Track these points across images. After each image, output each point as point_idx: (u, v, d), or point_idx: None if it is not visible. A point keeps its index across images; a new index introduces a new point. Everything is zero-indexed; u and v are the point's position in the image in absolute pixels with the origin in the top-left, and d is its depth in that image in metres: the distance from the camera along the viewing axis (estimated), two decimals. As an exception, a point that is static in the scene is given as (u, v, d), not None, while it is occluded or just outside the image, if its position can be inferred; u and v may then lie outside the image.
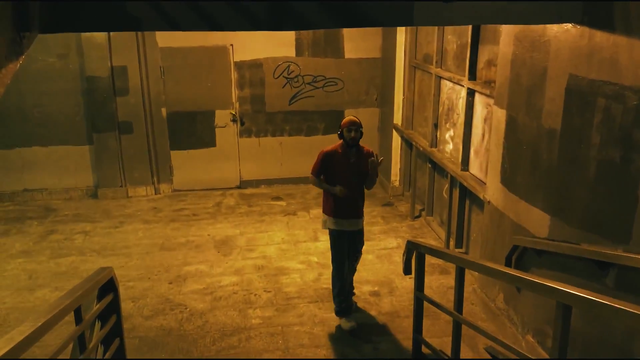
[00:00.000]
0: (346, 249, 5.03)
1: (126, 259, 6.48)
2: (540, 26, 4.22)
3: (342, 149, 4.89)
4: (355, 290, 5.53)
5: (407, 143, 8.07)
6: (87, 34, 7.65)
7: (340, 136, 4.87)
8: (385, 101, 8.56)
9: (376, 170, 4.91)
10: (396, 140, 8.17)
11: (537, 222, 4.39)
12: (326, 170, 4.95)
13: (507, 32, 4.77)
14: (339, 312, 5.09)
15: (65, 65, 7.87)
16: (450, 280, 5.83)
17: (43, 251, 6.67)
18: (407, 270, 4.65)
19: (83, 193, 8.39)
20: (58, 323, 2.71)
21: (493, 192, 5.14)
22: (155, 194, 8.51)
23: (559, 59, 3.99)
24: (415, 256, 4.34)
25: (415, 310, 4.41)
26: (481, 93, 5.74)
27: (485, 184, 5.67)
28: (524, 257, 4.64)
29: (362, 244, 5.28)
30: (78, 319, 3.06)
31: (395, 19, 3.53)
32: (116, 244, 6.87)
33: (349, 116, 5.07)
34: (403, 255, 4.64)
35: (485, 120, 5.73)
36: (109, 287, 3.94)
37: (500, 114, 4.92)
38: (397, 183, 8.36)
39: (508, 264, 4.78)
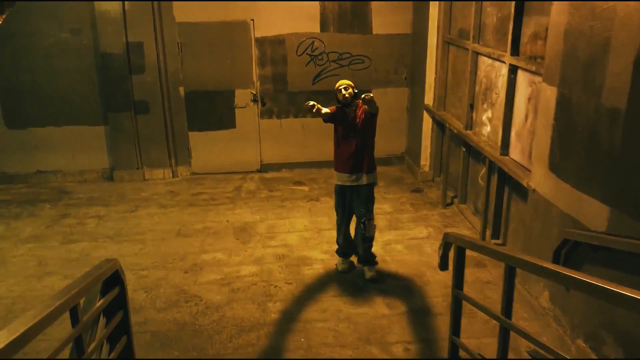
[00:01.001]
0: (346, 205, 5.32)
1: (140, 245, 6.13)
2: (603, -10, 3.69)
3: (339, 109, 5.23)
4: (383, 285, 5.10)
5: (439, 125, 7.56)
6: (102, 6, 7.26)
7: (336, 99, 5.23)
8: (415, 80, 8.03)
9: (372, 103, 4.94)
10: (427, 122, 7.66)
11: (593, 213, 3.89)
12: (334, 124, 5.31)
13: (560, -1, 4.23)
14: (338, 252, 5.59)
15: (79, 41, 7.50)
16: (487, 274, 5.38)
17: (54, 236, 6.36)
18: (443, 266, 4.18)
19: (98, 175, 8.07)
20: (50, 325, 2.33)
21: (539, 179, 4.64)
22: (173, 177, 8.15)
23: (627, 28, 3.46)
24: (453, 250, 3.87)
25: (453, 311, 3.95)
26: (525, 70, 5.21)
27: (528, 170, 5.17)
28: (576, 252, 4.15)
29: (367, 207, 5.23)
30: (74, 319, 2.69)
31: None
32: (130, 229, 6.54)
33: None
34: (439, 248, 4.18)
35: (529, 99, 5.20)
36: (114, 281, 3.57)
37: (550, 92, 4.40)
38: (427, 168, 7.87)
39: (556, 259, 4.29)
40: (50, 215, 6.93)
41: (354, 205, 5.31)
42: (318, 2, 7.72)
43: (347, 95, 5.09)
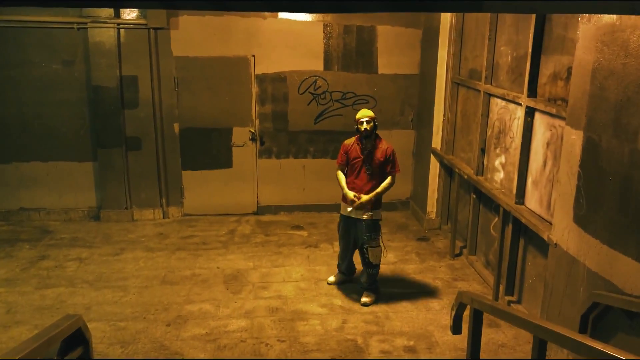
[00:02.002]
0: (348, 235, 5.47)
1: (121, 292, 5.62)
2: (637, 23, 3.30)
3: (358, 140, 5.32)
4: (386, 345, 4.59)
5: (447, 170, 7.13)
6: (96, 37, 6.95)
7: (357, 129, 5.28)
8: (422, 122, 7.65)
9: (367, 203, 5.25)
10: (434, 166, 7.24)
11: (627, 274, 3.41)
12: (346, 159, 5.38)
13: (586, 35, 3.85)
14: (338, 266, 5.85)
15: (71, 73, 7.17)
16: (501, 336, 4.84)
17: (29, 280, 5.85)
18: (456, 329, 3.68)
19: (84, 214, 7.61)
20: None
21: (562, 232, 4.17)
22: (164, 217, 7.68)
23: (668, 65, 3.06)
24: (470, 312, 3.38)
25: (468, 384, 3.43)
26: (544, 112, 4.81)
27: (547, 221, 4.71)
28: (607, 317, 3.65)
29: (369, 236, 5.30)
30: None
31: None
32: (112, 274, 6.03)
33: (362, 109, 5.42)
34: (451, 309, 3.68)
35: (548, 144, 4.78)
36: (75, 340, 3.06)
37: (575, 137, 3.98)
38: (434, 215, 7.39)
39: (584, 324, 3.78)
40: (28, 256, 6.43)
41: (357, 234, 5.38)
42: (322, 39, 7.41)
43: (368, 128, 5.18)
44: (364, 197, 5.20)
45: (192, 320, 5.09)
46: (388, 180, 5.28)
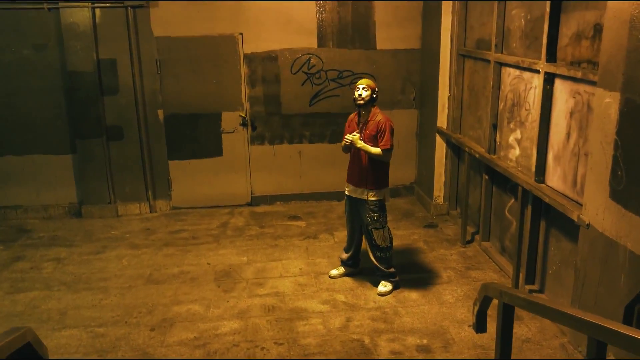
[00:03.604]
0: (352, 217, 5.09)
1: (102, 295, 5.09)
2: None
3: (354, 115, 4.97)
4: (396, 344, 4.08)
5: (455, 150, 6.59)
6: (69, 18, 6.38)
7: (353, 100, 4.82)
8: (426, 101, 7.10)
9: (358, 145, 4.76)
10: (440, 147, 6.69)
11: (683, 257, 2.88)
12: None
13: (622, -20, 3.30)
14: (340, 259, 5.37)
15: (43, 58, 6.59)
16: (525, 330, 4.33)
17: (0, 284, 5.32)
18: (480, 327, 3.15)
19: (65, 211, 7.06)
20: None
21: (596, 211, 3.63)
22: (150, 212, 7.13)
23: None
24: (499, 308, 2.85)
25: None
26: (566, 78, 4.27)
27: (573, 200, 4.18)
28: (656, 308, 3.12)
29: (372, 217, 4.85)
30: None
31: None
32: (93, 274, 5.50)
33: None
34: (474, 304, 3.15)
35: (571, 114, 4.25)
36: (25, 358, 2.53)
37: (610, 100, 3.43)
38: (441, 199, 6.85)
39: (628, 315, 3.26)
40: (0, 258, 5.89)
41: (361, 216, 4.97)
42: (315, 14, 6.85)
43: (363, 96, 4.74)
44: (356, 139, 4.74)
45: (179, 323, 4.56)
46: (377, 149, 4.72)
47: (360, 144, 4.74)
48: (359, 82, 4.81)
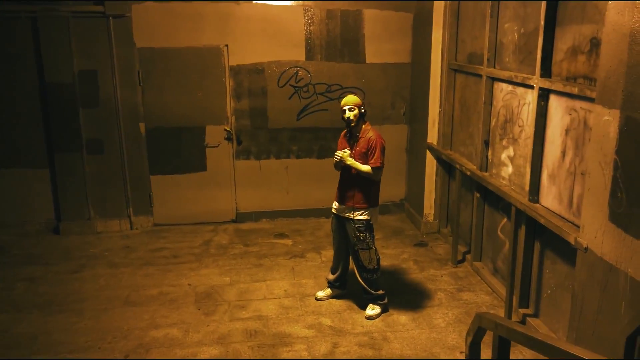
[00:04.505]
0: (338, 236, 4.88)
1: (76, 317, 4.83)
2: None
3: (345, 133, 4.81)
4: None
5: (446, 166, 6.41)
6: (47, 28, 6.16)
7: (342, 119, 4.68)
8: (416, 116, 6.93)
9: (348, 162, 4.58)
10: (430, 163, 6.51)
11: (690, 286, 2.69)
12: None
13: (620, -7, 3.14)
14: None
15: (20, 69, 6.36)
16: (519, 355, 4.11)
17: (-32, 306, 5.05)
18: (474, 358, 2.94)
19: (42, 227, 6.79)
20: None
21: (594, 234, 3.45)
22: (131, 228, 6.87)
23: None
24: (493, 341, 2.64)
25: None
26: (561, 94, 4.12)
27: (569, 221, 4.00)
28: (660, 339, 2.93)
29: (357, 240, 4.65)
30: None
31: None
32: (68, 296, 5.23)
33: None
34: (467, 335, 2.95)
35: (567, 131, 4.08)
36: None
37: (609, 117, 3.26)
38: (432, 217, 6.67)
39: (630, 347, 3.06)
40: (-30, 278, 5.63)
41: (347, 233, 4.76)
42: (303, 26, 6.68)
43: (351, 117, 4.56)
44: (346, 156, 4.57)
45: (155, 350, 4.31)
46: (367, 167, 4.53)
47: (350, 161, 4.55)
48: (342, 103, 4.60)
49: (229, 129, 6.84)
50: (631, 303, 3.12)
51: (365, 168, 4.52)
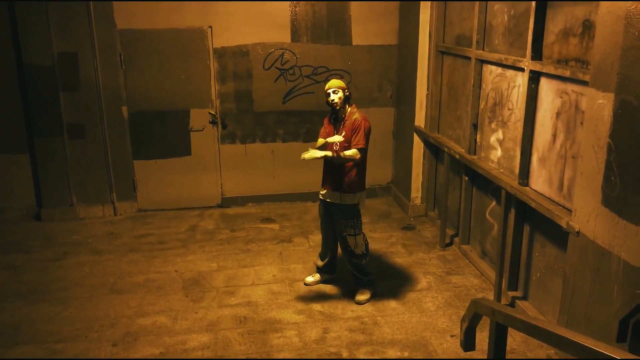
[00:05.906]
0: (326, 220, 4.83)
1: (61, 306, 4.73)
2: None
3: (328, 118, 4.76)
4: (376, 357, 3.84)
5: (433, 150, 6.39)
6: (25, 9, 5.96)
7: (326, 103, 4.63)
8: (403, 98, 6.88)
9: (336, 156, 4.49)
10: (417, 146, 6.48)
11: (684, 269, 2.70)
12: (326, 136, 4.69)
13: (616, -27, 3.10)
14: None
15: (-4, 51, 6.17)
16: (510, 340, 4.12)
17: (-52, 295, 4.93)
18: (468, 346, 2.93)
19: (23, 214, 6.64)
20: None
21: (587, 217, 3.45)
22: (115, 214, 6.76)
23: None
24: (490, 327, 2.63)
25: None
26: (553, 77, 4.09)
27: (559, 204, 4.00)
28: (653, 322, 2.94)
29: (344, 225, 4.61)
30: None
31: None
32: (51, 284, 5.13)
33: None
34: (462, 320, 2.93)
35: (557, 115, 4.06)
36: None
37: (603, 101, 3.24)
38: (419, 201, 6.66)
39: (623, 330, 3.07)
40: (-50, 266, 5.49)
41: (335, 219, 4.73)
42: (289, 7, 6.55)
43: (336, 100, 4.50)
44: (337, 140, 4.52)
45: (143, 338, 4.25)
46: (352, 150, 4.43)
47: (334, 147, 4.51)
48: (327, 87, 4.56)
49: (213, 113, 6.72)
50: (624, 286, 3.14)
51: (350, 153, 4.44)
